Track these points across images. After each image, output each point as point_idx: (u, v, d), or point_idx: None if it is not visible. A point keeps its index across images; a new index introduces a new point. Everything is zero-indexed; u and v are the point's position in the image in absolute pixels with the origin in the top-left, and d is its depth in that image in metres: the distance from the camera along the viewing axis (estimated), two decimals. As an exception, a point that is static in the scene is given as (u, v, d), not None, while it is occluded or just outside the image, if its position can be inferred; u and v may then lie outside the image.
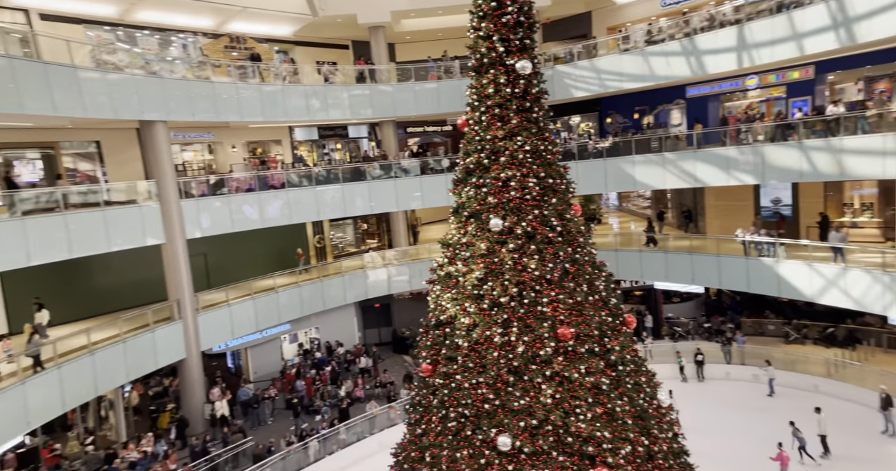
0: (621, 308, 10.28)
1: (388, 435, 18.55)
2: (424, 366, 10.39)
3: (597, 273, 10.19)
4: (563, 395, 9.02)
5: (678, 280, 23.92)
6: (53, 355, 15.38)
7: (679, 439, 9.98)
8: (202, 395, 20.75)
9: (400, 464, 10.30)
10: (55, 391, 15.09)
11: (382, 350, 28.53)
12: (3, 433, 13.67)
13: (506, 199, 9.91)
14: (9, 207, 15.39)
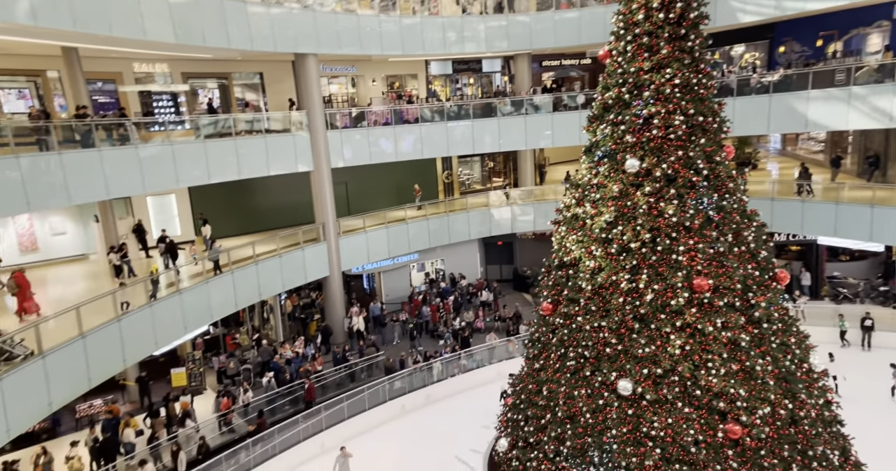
0: (773, 262, 9.26)
1: (505, 366, 19.19)
2: (545, 305, 10.39)
3: (746, 223, 9.18)
4: (693, 347, 8.51)
5: (851, 236, 20.26)
6: (228, 261, 17.88)
7: (832, 407, 9.10)
8: (342, 310, 22.98)
9: (517, 394, 10.67)
10: (230, 292, 17.62)
11: (503, 286, 29.02)
12: (194, 322, 16.42)
13: (646, 138, 9.14)
14: (195, 130, 17.62)
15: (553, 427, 9.37)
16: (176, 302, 15.47)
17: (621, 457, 8.46)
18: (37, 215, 18.84)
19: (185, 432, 15.76)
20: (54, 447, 15.12)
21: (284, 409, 17.60)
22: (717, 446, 8.10)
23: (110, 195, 14.99)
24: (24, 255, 18.54)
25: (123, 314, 13.59)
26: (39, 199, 12.83)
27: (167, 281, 16.00)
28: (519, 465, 9.94)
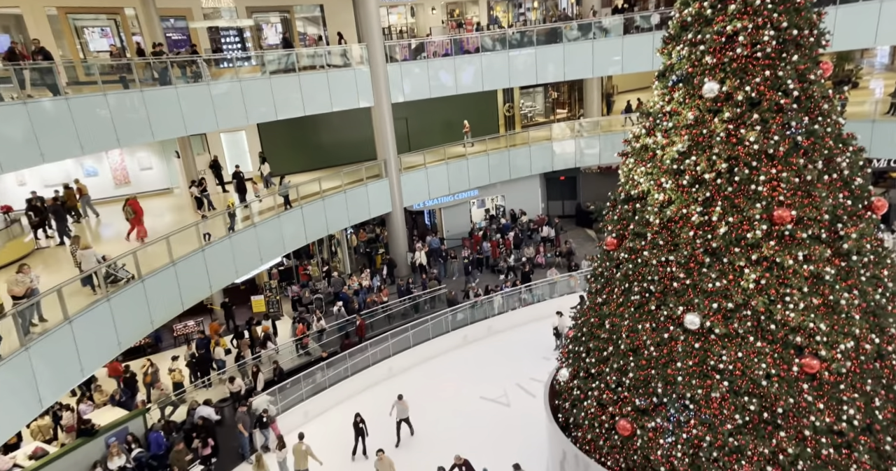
0: (868, 191, 8.46)
1: (567, 300, 19.23)
2: (609, 239, 10.09)
3: (840, 148, 8.34)
4: (770, 281, 8.07)
5: None
6: (297, 196, 18.54)
7: None
8: (405, 245, 23.55)
9: (579, 327, 10.70)
10: (300, 226, 18.41)
11: (565, 222, 28.57)
12: (268, 253, 17.44)
13: (728, 58, 8.28)
14: (261, 66, 17.82)
15: (615, 359, 9.38)
16: (251, 235, 16.35)
17: (686, 389, 8.40)
18: (126, 151, 20.09)
19: (267, 353, 17.16)
20: (158, 360, 17.08)
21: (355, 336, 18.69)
22: (791, 380, 7.84)
23: (188, 131, 15.66)
24: (118, 188, 20.07)
25: (207, 245, 14.57)
26: (127, 135, 13.63)
27: (242, 215, 16.85)
28: (580, 394, 10.12)
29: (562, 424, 10.63)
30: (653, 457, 8.58)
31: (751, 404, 7.95)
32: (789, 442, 7.72)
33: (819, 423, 7.67)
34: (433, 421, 14.28)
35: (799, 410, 7.78)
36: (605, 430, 9.41)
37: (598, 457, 9.47)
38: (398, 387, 16.23)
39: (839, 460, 7.63)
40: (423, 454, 12.64)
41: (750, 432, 7.94)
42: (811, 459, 7.66)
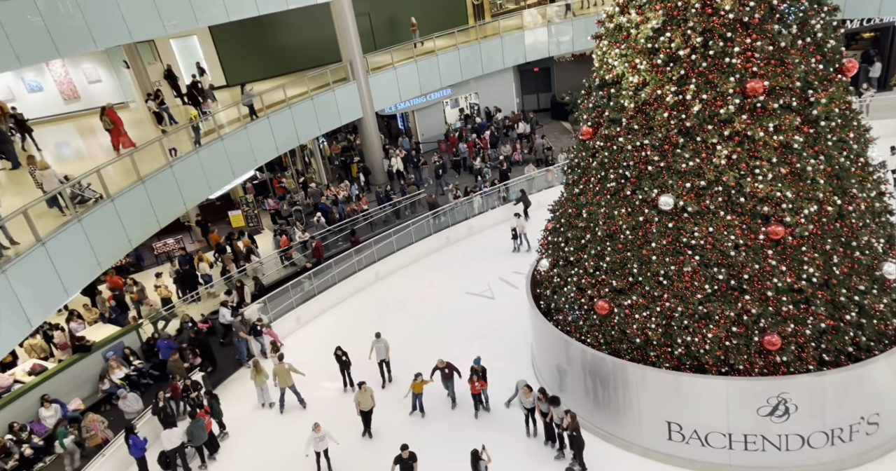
0: (840, 52, 8.41)
1: (546, 195, 19.54)
2: (585, 129, 10.06)
3: (816, 9, 8.15)
4: (741, 155, 8.26)
5: None
6: (262, 106, 17.82)
7: (884, 198, 8.97)
8: (380, 151, 23.17)
9: (557, 219, 10.98)
10: (269, 137, 17.89)
11: (541, 116, 28.10)
12: (240, 167, 17.09)
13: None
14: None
15: (593, 245, 9.76)
16: (220, 148, 15.93)
17: (660, 266, 8.87)
18: (69, 63, 18.77)
19: (252, 266, 17.47)
20: (141, 278, 17.44)
21: (338, 245, 18.95)
22: (757, 248, 8.33)
23: (133, 38, 14.57)
24: (68, 104, 19.07)
25: (175, 160, 14.21)
26: (66, 43, 12.78)
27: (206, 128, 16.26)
28: (560, 281, 10.65)
29: (544, 310, 11.30)
30: (629, 331, 9.28)
31: (719, 274, 8.49)
32: (753, 304, 8.37)
33: (781, 284, 8.28)
34: (422, 319, 14.98)
35: (763, 274, 8.35)
36: (585, 311, 10.04)
37: (579, 337, 10.20)
38: (386, 289, 16.90)
39: (797, 314, 8.32)
40: (417, 358, 12.83)
41: (718, 299, 8.57)
42: (772, 316, 8.36)
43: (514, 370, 12.04)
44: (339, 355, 12.56)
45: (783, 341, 8.28)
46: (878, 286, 8.52)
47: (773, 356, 8.42)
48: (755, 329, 8.41)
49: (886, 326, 8.61)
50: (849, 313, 8.35)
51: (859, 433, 8.65)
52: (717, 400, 8.68)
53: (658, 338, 9.01)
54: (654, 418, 9.38)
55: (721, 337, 8.53)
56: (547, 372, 11.56)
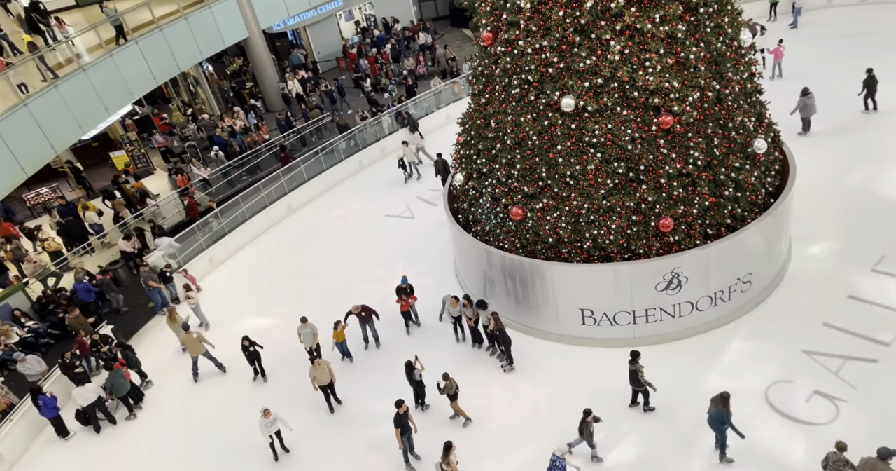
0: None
1: (454, 108, 19.44)
2: (485, 34, 9.97)
3: None
4: (632, 49, 8.63)
5: None
6: (128, 29, 15.94)
7: (754, 78, 9.80)
8: (274, 74, 21.74)
9: (467, 131, 11.08)
10: (143, 65, 16.31)
11: (440, 25, 27.24)
12: (114, 102, 15.60)
13: None
14: None
15: (503, 154, 10.06)
16: (83, 81, 14.34)
17: (566, 167, 9.37)
18: None
19: (150, 210, 16.46)
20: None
21: (243, 179, 18.14)
22: (651, 139, 8.99)
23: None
24: None
25: (28, 98, 12.66)
26: None
27: (62, 58, 14.44)
28: (475, 193, 10.99)
29: (463, 223, 11.71)
30: (542, 232, 9.91)
31: (619, 168, 9.14)
32: (649, 192, 9.18)
33: (672, 170, 9.09)
34: (343, 247, 15.04)
35: (657, 163, 9.09)
36: (501, 219, 10.53)
37: (497, 244, 10.76)
38: (302, 221, 16.62)
39: (686, 196, 9.25)
40: (343, 291, 12.95)
41: (619, 192, 9.29)
42: (665, 202, 9.25)
43: (439, 284, 12.63)
44: (245, 345, 11.19)
45: (675, 223, 9.26)
46: (751, 162, 9.58)
47: (667, 238, 9.43)
48: (652, 215, 9.29)
49: (757, 196, 9.84)
50: (727, 189, 9.42)
51: (736, 292, 10.08)
52: (622, 283, 9.69)
53: (569, 235, 9.72)
54: (570, 307, 10.35)
55: (623, 227, 9.36)
56: (470, 281, 12.22)
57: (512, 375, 10.50)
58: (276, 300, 13.58)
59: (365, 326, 11.64)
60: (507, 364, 10.53)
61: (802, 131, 14.34)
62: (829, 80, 15.81)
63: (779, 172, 10.37)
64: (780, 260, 10.82)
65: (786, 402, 8.86)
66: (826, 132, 14.14)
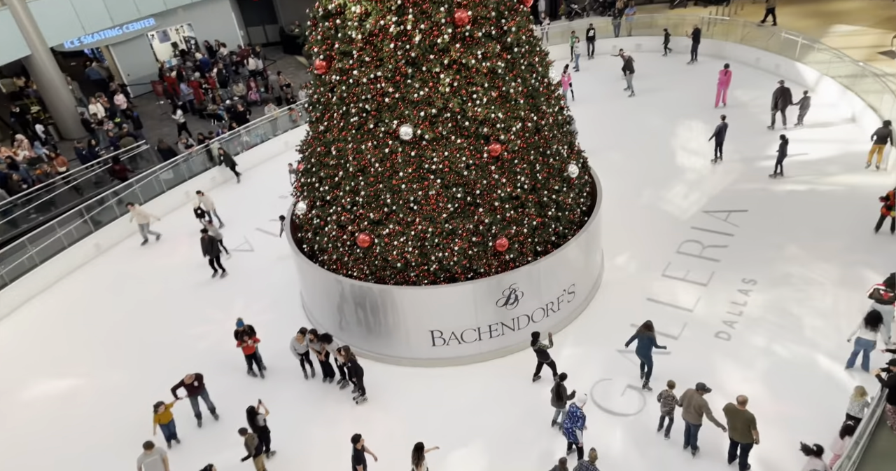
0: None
1: (292, 135, 19.16)
2: (318, 62, 10.10)
3: None
4: (460, 82, 9.43)
5: None
6: None
7: (564, 111, 11.26)
8: (69, 96, 19.32)
9: (307, 159, 11.01)
10: None
11: (272, 50, 26.76)
12: None
13: None
14: None
15: (347, 182, 10.19)
16: None
17: (409, 193, 9.80)
18: None
19: None
20: None
21: (31, 218, 15.76)
22: (483, 165, 9.86)
23: None
24: None
25: None
26: None
27: None
28: (320, 221, 10.92)
29: (308, 253, 11.51)
30: (390, 258, 10.19)
31: (458, 192, 9.83)
32: (485, 214, 10.02)
33: (503, 193, 10.05)
34: (174, 291, 13.82)
35: (490, 187, 9.98)
36: (348, 247, 10.58)
37: (346, 272, 10.78)
38: (113, 262, 14.93)
39: (517, 217, 10.28)
40: (169, 346, 12.06)
41: (459, 215, 9.98)
42: (500, 223, 10.17)
43: (284, 319, 12.26)
44: None
45: (509, 242, 10.20)
46: (567, 185, 10.98)
47: (503, 256, 10.35)
48: (489, 236, 10.13)
49: (574, 215, 11.26)
50: (550, 210, 10.67)
51: (564, 302, 11.32)
52: (466, 302, 10.36)
53: (416, 259, 10.12)
54: (420, 330, 10.75)
55: (465, 248, 10.06)
56: (319, 313, 12.02)
57: (365, 406, 10.52)
58: (80, 357, 12.04)
59: (197, 398, 10.25)
60: (360, 395, 10.52)
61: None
62: (614, 111, 18.85)
63: (589, 194, 11.94)
64: (596, 271, 12.39)
65: (606, 398, 10.07)
66: (621, 158, 16.65)
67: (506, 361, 10.95)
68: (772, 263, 12.25)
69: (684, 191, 14.96)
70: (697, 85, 19.62)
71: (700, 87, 19.36)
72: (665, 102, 19.04)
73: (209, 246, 13.73)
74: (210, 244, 13.73)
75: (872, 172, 14.45)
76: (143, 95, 23.48)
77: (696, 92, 19.22)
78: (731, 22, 22.03)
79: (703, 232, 13.49)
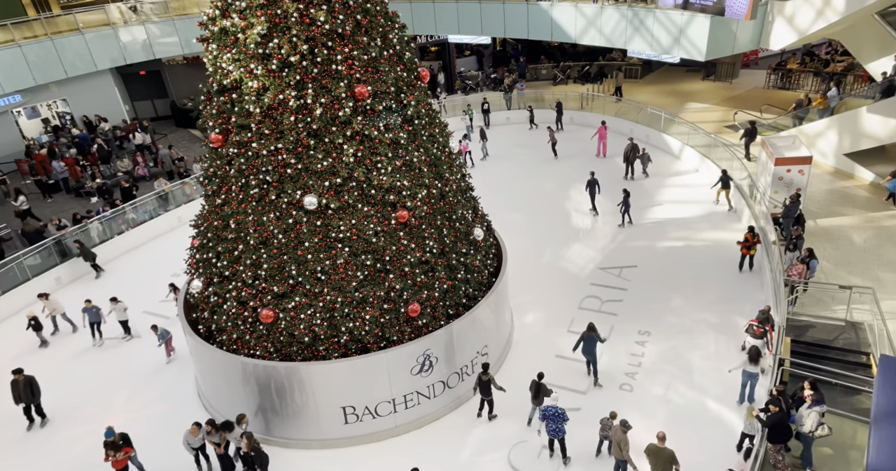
0: (415, 62, 10.64)
1: (185, 210, 18.33)
2: (213, 136, 9.92)
3: (390, 25, 10.09)
4: (364, 153, 9.69)
5: (469, 32, 25.26)
6: None
7: (466, 178, 11.80)
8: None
9: (202, 234, 10.53)
10: None
11: (162, 124, 25.98)
12: None
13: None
14: None
15: (247, 255, 9.84)
16: None
17: (316, 263, 9.63)
18: None
19: None
20: None
21: None
22: (392, 232, 9.99)
23: None
24: None
25: None
26: None
27: None
28: (218, 299, 10.33)
29: (204, 334, 10.77)
30: (297, 332, 9.79)
31: (367, 260, 9.82)
32: (396, 280, 10.05)
33: (413, 259, 10.19)
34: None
35: (399, 253, 10.08)
36: (250, 324, 10.04)
37: (247, 352, 10.15)
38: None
39: (428, 281, 10.41)
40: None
41: (370, 283, 9.91)
42: (411, 288, 10.22)
43: (176, 409, 11.20)
44: None
45: (421, 307, 10.24)
46: (473, 248, 11.38)
47: (416, 322, 10.33)
48: (401, 302, 10.12)
49: (482, 276, 11.61)
50: (459, 273, 10.93)
51: (477, 365, 11.34)
52: (380, 373, 10.11)
53: (325, 332, 9.81)
54: (331, 408, 10.26)
55: (377, 316, 9.93)
56: (217, 399, 11.14)
57: (273, 499, 9.65)
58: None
59: None
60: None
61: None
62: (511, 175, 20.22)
63: (495, 255, 12.42)
64: (507, 331, 12.68)
65: (522, 460, 10.04)
66: (522, 220, 17.64)
67: (423, 432, 10.67)
68: (661, 315, 13.27)
69: (580, 249, 16.01)
70: (574, 147, 21.73)
71: (576, 148, 21.54)
72: (552, 165, 20.75)
73: (26, 390, 11.05)
74: (29, 388, 11.07)
75: (734, 222, 16.41)
76: (9, 174, 21.58)
77: (572, 152, 21.34)
78: (606, 97, 24.77)
79: (601, 287, 14.39)
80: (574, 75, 28.37)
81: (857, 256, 14.32)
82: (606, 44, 21.80)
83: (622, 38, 21.02)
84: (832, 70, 23.16)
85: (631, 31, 20.59)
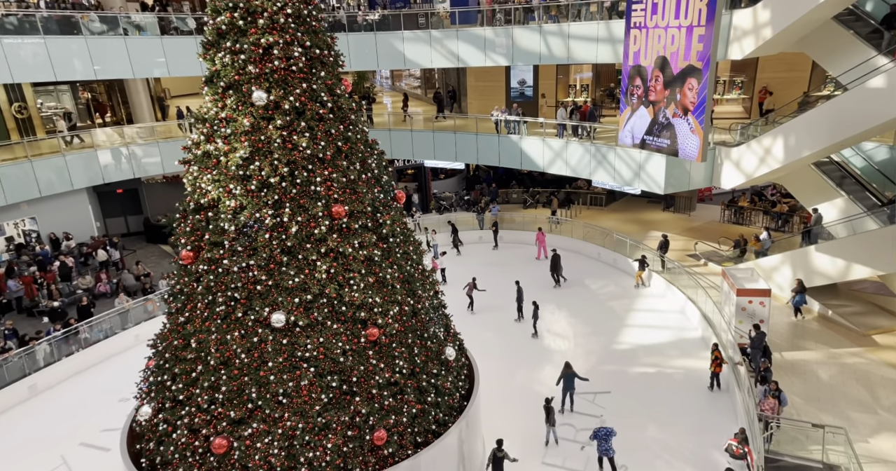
0: (392, 185, 11.15)
1: (146, 328, 17.64)
2: (184, 253, 9.92)
3: (369, 151, 10.70)
4: (337, 269, 9.74)
5: (444, 158, 26.86)
6: None
7: (439, 295, 11.81)
8: None
9: (160, 354, 10.06)
10: None
11: (133, 240, 25.96)
12: None
13: (269, 69, 9.42)
14: None
15: (206, 377, 9.37)
16: None
17: (279, 385, 9.18)
18: None
19: None
20: None
21: None
22: (361, 350, 9.71)
23: None
24: None
25: None
26: None
27: None
28: (168, 427, 9.61)
29: (147, 467, 9.82)
30: (251, 464, 9.01)
31: (333, 381, 9.42)
32: (362, 404, 9.56)
33: (382, 380, 9.80)
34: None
35: (367, 374, 9.72)
36: (200, 455, 9.25)
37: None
38: None
39: (396, 405, 9.92)
40: None
41: (334, 407, 9.41)
42: (378, 412, 9.70)
43: None
44: None
45: (388, 434, 9.65)
46: (445, 368, 11.06)
47: (381, 451, 9.65)
48: (366, 428, 9.54)
49: (453, 400, 11.13)
50: (429, 395, 10.47)
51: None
52: (342, 513, 9.15)
53: (281, 463, 9.07)
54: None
55: (339, 444, 9.28)
56: (155, 547, 9.80)
57: None
58: None
59: None
60: None
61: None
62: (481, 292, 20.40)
63: (467, 376, 12.08)
64: (479, 460, 11.90)
65: None
66: (495, 340, 17.45)
67: None
68: (637, 445, 12.79)
69: (552, 372, 15.70)
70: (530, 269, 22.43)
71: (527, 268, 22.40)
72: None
73: None
74: None
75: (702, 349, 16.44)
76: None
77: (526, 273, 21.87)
78: (574, 222, 25.99)
79: (575, 415, 13.91)
80: (543, 200, 30.06)
81: (825, 392, 14.36)
82: (573, 174, 23.24)
83: (587, 169, 22.50)
84: (779, 210, 25.07)
85: (595, 164, 22.14)
